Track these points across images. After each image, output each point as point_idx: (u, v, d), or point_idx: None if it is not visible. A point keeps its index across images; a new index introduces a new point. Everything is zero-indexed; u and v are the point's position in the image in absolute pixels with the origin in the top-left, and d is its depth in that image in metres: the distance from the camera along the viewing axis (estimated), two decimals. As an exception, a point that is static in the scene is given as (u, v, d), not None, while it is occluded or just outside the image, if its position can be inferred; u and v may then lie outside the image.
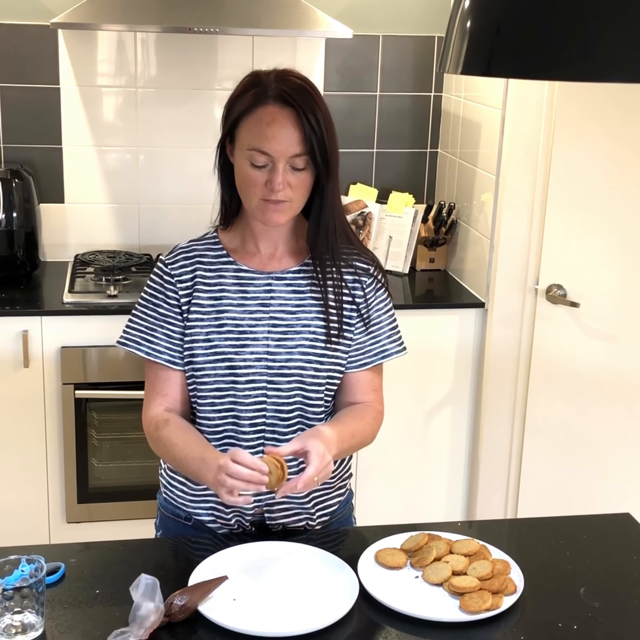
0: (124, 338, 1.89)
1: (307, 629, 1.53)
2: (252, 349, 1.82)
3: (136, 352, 1.87)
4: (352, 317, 1.87)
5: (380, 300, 1.92)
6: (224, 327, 1.83)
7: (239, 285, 1.84)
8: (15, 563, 1.53)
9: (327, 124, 1.74)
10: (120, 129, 3.49)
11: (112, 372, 3.07)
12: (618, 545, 1.88)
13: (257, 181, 1.73)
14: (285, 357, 1.83)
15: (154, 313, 1.86)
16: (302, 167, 1.73)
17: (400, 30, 3.55)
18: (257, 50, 3.47)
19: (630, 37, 1.21)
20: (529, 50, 1.26)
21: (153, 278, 1.88)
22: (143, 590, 1.49)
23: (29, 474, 3.13)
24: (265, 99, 1.72)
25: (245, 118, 1.73)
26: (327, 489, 1.93)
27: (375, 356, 1.90)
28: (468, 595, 1.61)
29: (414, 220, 3.55)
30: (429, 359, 3.27)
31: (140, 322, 1.88)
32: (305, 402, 1.85)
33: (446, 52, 1.38)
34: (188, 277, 1.85)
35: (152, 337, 1.86)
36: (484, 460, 3.31)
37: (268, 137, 1.71)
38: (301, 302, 1.85)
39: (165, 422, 1.84)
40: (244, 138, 1.74)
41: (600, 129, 3.00)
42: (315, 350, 1.84)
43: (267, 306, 1.84)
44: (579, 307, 3.09)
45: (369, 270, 1.92)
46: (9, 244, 3.25)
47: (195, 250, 1.87)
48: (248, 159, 1.73)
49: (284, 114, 1.71)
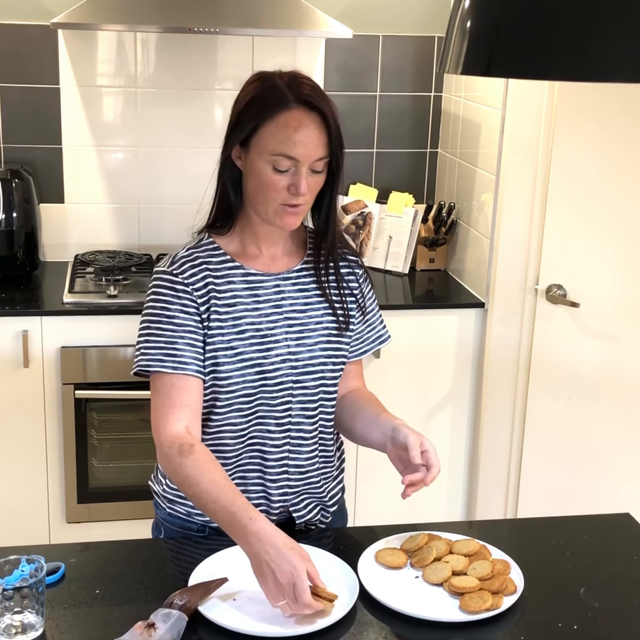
0: (144, 361, 1.76)
1: (307, 629, 1.53)
2: (277, 351, 1.82)
3: (162, 370, 1.74)
4: (353, 309, 1.91)
5: (369, 289, 1.97)
6: (245, 334, 1.80)
7: (250, 289, 1.83)
8: (15, 563, 1.53)
9: (339, 126, 1.76)
10: (120, 129, 3.49)
11: (112, 372, 3.07)
12: (618, 545, 1.88)
13: (279, 186, 1.72)
14: (308, 355, 1.84)
15: (170, 326, 1.76)
16: (321, 169, 1.75)
17: (400, 30, 3.55)
18: (257, 50, 3.47)
19: (630, 37, 1.21)
20: (529, 50, 1.26)
21: (160, 291, 1.78)
22: (171, 624, 1.48)
23: (29, 474, 3.13)
24: (287, 103, 1.70)
25: (267, 123, 1.71)
26: (333, 477, 1.97)
27: (373, 342, 1.98)
28: (468, 595, 1.61)
29: (414, 220, 3.55)
30: (429, 359, 3.27)
31: (157, 340, 1.76)
32: (325, 397, 1.89)
33: (446, 52, 1.38)
34: (201, 284, 1.79)
35: (174, 350, 1.75)
36: (484, 460, 3.31)
37: (296, 142, 1.70)
38: (308, 300, 1.87)
39: (190, 449, 1.69)
40: (267, 144, 1.71)
41: (600, 129, 3.00)
42: (331, 345, 1.87)
43: (280, 307, 1.84)
44: (579, 307, 3.09)
45: (358, 262, 1.96)
46: (9, 244, 3.25)
47: (198, 257, 1.81)
48: (271, 163, 1.71)
49: (309, 118, 1.71)
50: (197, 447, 1.70)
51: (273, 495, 1.86)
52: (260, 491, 1.86)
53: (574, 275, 3.11)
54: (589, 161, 3.02)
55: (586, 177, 3.03)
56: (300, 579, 1.50)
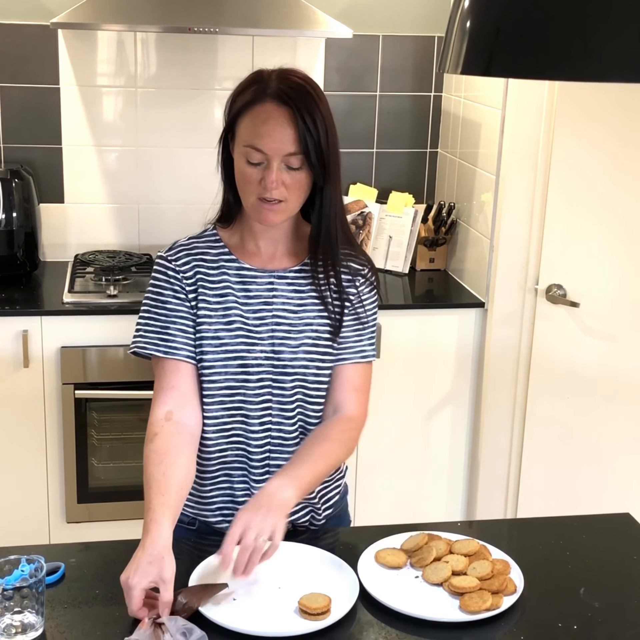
0: (139, 343, 1.82)
1: (307, 629, 1.53)
2: (261, 347, 1.82)
3: (155, 354, 1.81)
4: (346, 315, 1.88)
5: (370, 302, 1.91)
6: (233, 325, 1.82)
7: (242, 283, 1.84)
8: (15, 563, 1.53)
9: (327, 125, 1.74)
10: (120, 129, 3.49)
11: (112, 372, 3.07)
12: (618, 545, 1.88)
13: (253, 178, 1.73)
14: (289, 356, 1.83)
15: (163, 310, 1.82)
16: (297, 166, 1.73)
17: (400, 30, 3.55)
18: (257, 50, 3.47)
19: (630, 37, 1.21)
20: (529, 50, 1.26)
21: (156, 276, 1.85)
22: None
23: (29, 474, 3.13)
24: (263, 96, 1.72)
25: (244, 114, 1.74)
26: (328, 481, 1.94)
27: (355, 354, 1.88)
28: (468, 595, 1.61)
29: (414, 220, 3.55)
30: (429, 359, 3.27)
31: (152, 323, 1.82)
32: (306, 399, 1.86)
33: (446, 52, 1.38)
34: (191, 273, 1.83)
35: (167, 334, 1.81)
36: (484, 460, 3.31)
37: (263, 135, 1.71)
38: (302, 301, 1.85)
39: (152, 438, 1.77)
40: (241, 134, 1.74)
41: (600, 129, 3.00)
42: (317, 349, 1.84)
43: (270, 305, 1.84)
44: (578, 307, 3.10)
45: (362, 272, 1.90)
46: (9, 244, 3.25)
47: (196, 247, 1.86)
48: (244, 155, 1.73)
49: (279, 112, 1.71)
50: (158, 437, 1.76)
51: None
52: (245, 489, 1.87)
53: (574, 275, 3.11)
54: (589, 161, 3.02)
55: (586, 177, 3.03)
56: (127, 593, 1.53)
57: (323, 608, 1.56)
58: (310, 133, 1.71)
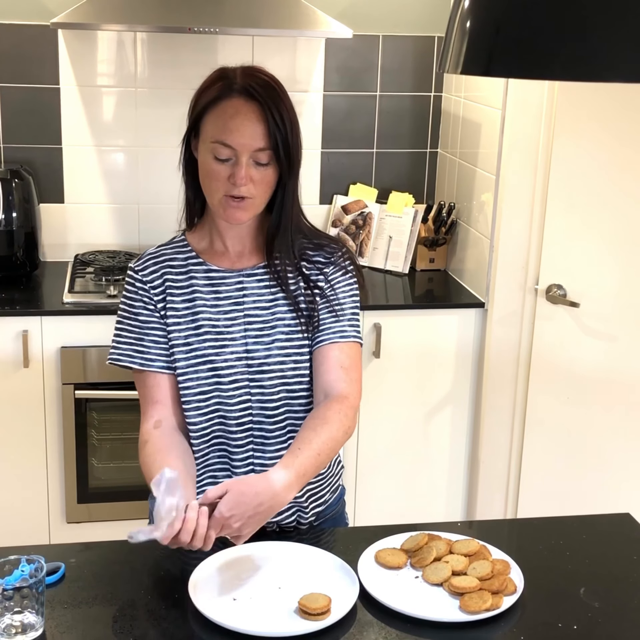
0: (115, 355, 1.85)
1: (307, 629, 1.53)
2: (232, 348, 1.81)
3: (130, 366, 1.83)
4: (318, 303, 1.84)
5: (343, 285, 1.87)
6: (201, 329, 1.82)
7: (211, 285, 1.84)
8: (15, 563, 1.53)
9: (292, 122, 1.74)
10: (120, 128, 3.49)
11: (112, 372, 3.04)
12: (618, 545, 1.88)
13: (220, 175, 1.73)
14: (264, 353, 1.82)
15: (136, 322, 1.84)
16: (265, 162, 1.73)
17: (400, 30, 3.55)
18: (257, 50, 3.47)
19: (629, 37, 1.21)
20: (528, 50, 1.26)
21: (127, 288, 1.86)
22: (165, 487, 1.52)
23: (29, 474, 3.13)
24: (230, 92, 1.72)
25: (210, 111, 1.74)
26: (319, 481, 1.91)
27: (334, 334, 1.83)
28: (468, 595, 1.61)
29: (414, 220, 3.55)
30: (429, 359, 3.27)
31: (125, 335, 1.84)
32: (290, 395, 1.84)
33: (446, 52, 1.38)
34: (158, 282, 1.83)
35: (141, 346, 1.83)
36: (484, 460, 3.31)
37: (232, 130, 1.70)
38: (274, 296, 1.84)
39: (143, 446, 1.79)
40: (208, 131, 1.74)
41: (600, 129, 3.00)
42: (292, 343, 1.83)
43: (241, 304, 1.83)
44: (579, 307, 3.10)
45: (331, 258, 1.86)
46: (9, 244, 3.25)
47: (164, 254, 1.86)
48: (211, 152, 1.73)
49: (248, 107, 1.71)
50: (149, 443, 1.78)
51: None
52: None
53: (574, 275, 3.11)
54: (589, 161, 3.02)
55: (586, 177, 3.03)
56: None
57: (323, 608, 1.56)
58: (278, 128, 1.71)
